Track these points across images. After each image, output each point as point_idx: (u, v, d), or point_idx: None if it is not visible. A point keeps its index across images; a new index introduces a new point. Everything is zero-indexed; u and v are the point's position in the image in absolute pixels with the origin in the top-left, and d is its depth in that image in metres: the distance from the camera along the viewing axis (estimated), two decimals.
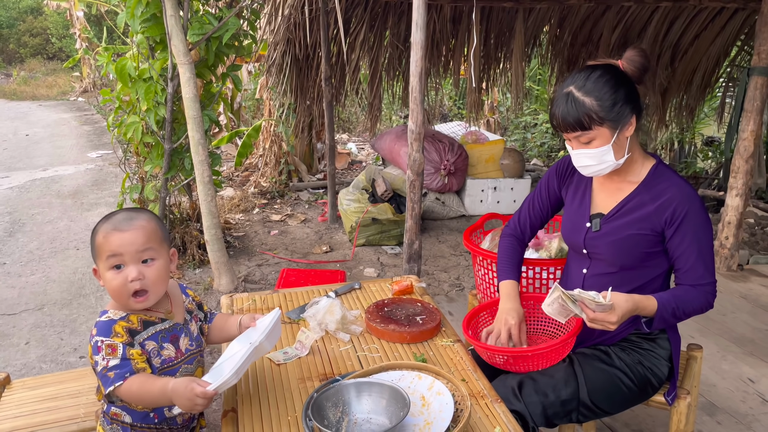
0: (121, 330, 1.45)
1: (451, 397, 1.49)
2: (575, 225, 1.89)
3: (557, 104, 1.69)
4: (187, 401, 1.38)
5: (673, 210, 1.69)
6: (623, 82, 1.68)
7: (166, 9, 3.55)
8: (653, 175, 1.77)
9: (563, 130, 1.70)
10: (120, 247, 1.45)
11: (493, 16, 5.84)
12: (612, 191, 1.83)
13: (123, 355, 1.42)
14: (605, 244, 1.79)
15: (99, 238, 1.47)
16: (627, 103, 1.66)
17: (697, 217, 1.70)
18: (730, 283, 4.16)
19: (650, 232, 1.73)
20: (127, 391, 1.42)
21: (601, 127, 1.66)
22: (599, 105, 1.63)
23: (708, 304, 1.74)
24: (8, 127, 11.05)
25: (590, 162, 1.72)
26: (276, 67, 5.62)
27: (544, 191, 2.04)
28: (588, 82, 1.65)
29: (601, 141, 1.67)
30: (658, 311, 1.68)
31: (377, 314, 1.97)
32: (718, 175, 6.85)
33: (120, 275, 1.45)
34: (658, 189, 1.73)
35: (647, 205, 1.74)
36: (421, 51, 2.94)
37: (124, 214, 1.51)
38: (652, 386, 1.83)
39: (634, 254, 1.76)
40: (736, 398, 2.86)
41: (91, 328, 1.49)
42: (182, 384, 1.39)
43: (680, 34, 5.97)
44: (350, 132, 10.64)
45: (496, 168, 6.06)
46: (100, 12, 14.12)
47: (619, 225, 1.77)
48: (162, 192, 4.32)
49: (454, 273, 4.51)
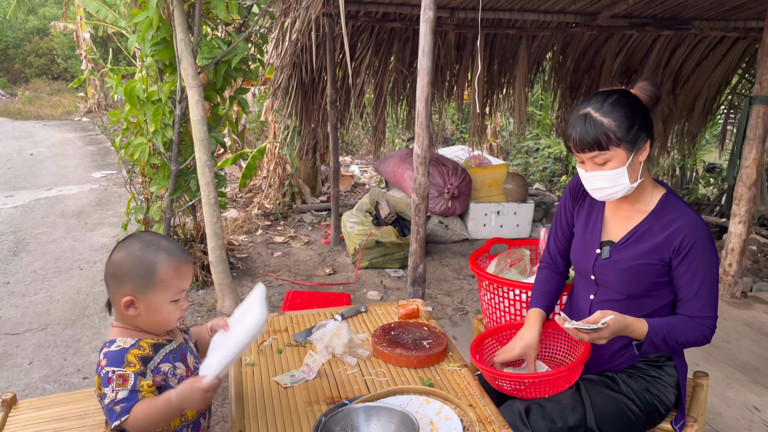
0: (133, 359, 1.43)
1: (460, 423, 1.50)
2: (585, 251, 1.90)
3: (574, 125, 1.70)
4: (198, 401, 1.41)
5: (682, 239, 1.70)
6: (639, 107, 1.70)
7: (177, 33, 3.61)
8: (663, 204, 1.78)
9: (580, 150, 1.70)
10: (188, 281, 1.51)
11: (497, 43, 5.92)
12: (622, 219, 1.84)
13: (133, 387, 1.40)
14: (614, 272, 1.80)
15: (169, 272, 1.46)
16: (643, 128, 1.69)
17: (705, 249, 1.70)
18: (733, 310, 4.16)
19: (659, 261, 1.74)
20: (134, 421, 1.39)
21: (618, 149, 1.67)
22: (617, 126, 1.65)
23: (704, 338, 1.73)
24: (13, 146, 11.12)
25: (604, 185, 1.72)
26: (282, 91, 5.68)
27: (562, 218, 2.04)
28: (606, 105, 1.67)
29: (616, 163, 1.68)
30: (648, 335, 1.69)
31: (384, 338, 1.97)
32: (720, 202, 6.87)
33: (178, 306, 1.50)
34: (668, 219, 1.74)
35: (657, 234, 1.75)
36: (427, 77, 2.98)
37: (172, 244, 1.51)
38: (659, 413, 1.82)
39: (641, 283, 1.77)
40: (741, 427, 2.85)
41: (99, 357, 1.45)
42: (185, 388, 1.41)
43: (682, 62, 6.04)
44: (354, 155, 10.70)
45: (499, 192, 6.09)
46: (107, 33, 14.24)
47: (628, 253, 1.78)
48: (167, 213, 4.34)
49: (457, 297, 4.51)
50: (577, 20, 5.44)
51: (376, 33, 5.52)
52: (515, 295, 2.31)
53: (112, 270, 1.48)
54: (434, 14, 2.93)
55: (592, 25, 5.44)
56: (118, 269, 1.47)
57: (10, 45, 20.61)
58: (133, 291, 1.45)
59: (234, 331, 1.54)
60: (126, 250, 1.48)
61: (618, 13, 5.19)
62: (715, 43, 5.82)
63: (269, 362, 1.92)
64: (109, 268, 1.49)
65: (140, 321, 1.49)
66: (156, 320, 1.49)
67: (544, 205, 6.60)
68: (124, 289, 1.46)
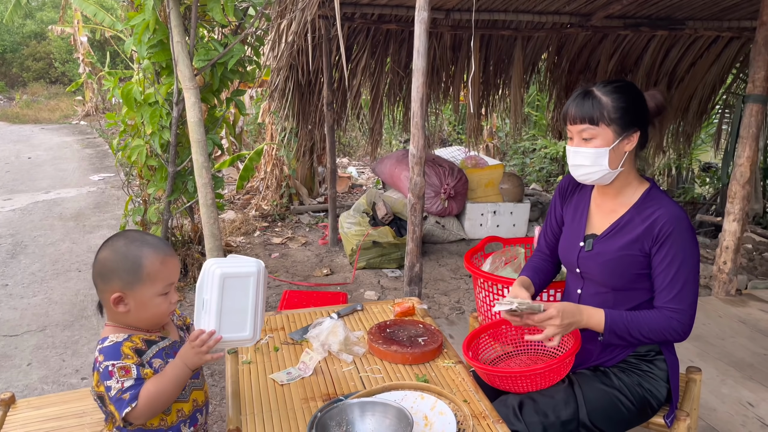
0: (129, 351, 1.45)
1: (454, 417, 1.52)
2: (570, 244, 1.94)
3: (574, 98, 1.77)
4: (195, 355, 1.46)
5: (660, 228, 1.72)
6: (639, 100, 1.76)
7: (173, 36, 3.63)
8: (646, 198, 1.81)
9: (572, 122, 1.76)
10: (176, 274, 1.52)
11: (492, 44, 5.95)
12: (606, 212, 1.87)
13: (138, 375, 1.42)
14: (597, 264, 1.83)
15: (155, 264, 1.47)
16: (636, 118, 1.74)
17: (683, 239, 1.71)
18: (728, 307, 4.18)
19: (639, 252, 1.76)
20: (146, 400, 1.40)
21: (607, 128, 1.72)
22: (613, 106, 1.71)
23: (674, 331, 1.71)
24: (11, 149, 11.13)
25: (585, 161, 1.76)
26: (279, 92, 5.70)
27: (553, 217, 2.08)
28: (609, 86, 1.74)
29: (601, 142, 1.73)
30: (606, 325, 1.72)
31: (380, 335, 1.99)
32: (716, 201, 6.90)
33: (167, 299, 1.51)
34: (649, 211, 1.77)
35: (638, 226, 1.77)
36: (422, 77, 3.00)
37: (156, 239, 1.53)
38: (651, 407, 1.84)
39: (624, 275, 1.79)
40: (736, 422, 2.87)
41: (94, 355, 1.46)
42: (184, 348, 1.48)
43: (676, 61, 6.08)
44: (351, 156, 10.73)
45: (495, 192, 6.12)
46: (104, 37, 14.29)
47: (610, 246, 1.81)
48: (165, 214, 4.36)
49: (454, 296, 4.53)
50: (572, 21, 5.47)
51: (372, 35, 5.55)
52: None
53: (99, 269, 1.49)
54: (429, 15, 2.95)
55: (587, 26, 5.47)
56: (105, 267, 1.47)
57: (7, 49, 20.62)
58: (122, 287, 1.46)
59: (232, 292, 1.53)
60: (111, 248, 1.49)
61: (612, 14, 5.22)
62: (710, 43, 5.86)
63: (266, 360, 1.94)
64: (96, 267, 1.49)
65: (132, 318, 1.50)
66: (147, 315, 1.50)
67: (540, 205, 6.63)
68: (113, 286, 1.46)
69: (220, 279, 1.48)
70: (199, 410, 1.62)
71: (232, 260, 1.54)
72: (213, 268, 1.49)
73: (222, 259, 1.54)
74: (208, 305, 1.49)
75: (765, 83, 3.99)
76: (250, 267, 1.52)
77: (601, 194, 1.90)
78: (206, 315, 1.49)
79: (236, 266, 1.52)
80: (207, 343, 1.46)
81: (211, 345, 1.47)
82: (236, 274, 1.50)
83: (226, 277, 1.49)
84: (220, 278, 1.48)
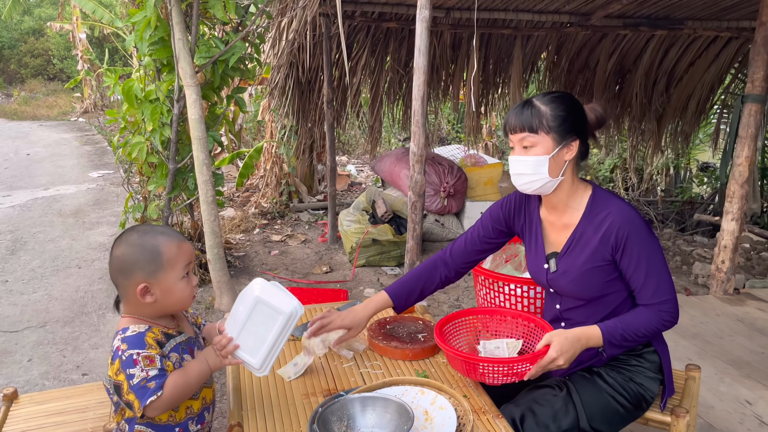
0: (152, 341, 1.48)
1: (454, 412, 1.53)
2: (536, 267, 1.95)
3: (514, 108, 1.81)
4: (216, 357, 1.54)
5: (616, 234, 1.74)
6: (578, 110, 1.80)
7: (175, 33, 3.64)
8: (592, 204, 1.82)
9: (512, 131, 1.79)
10: (192, 254, 1.56)
11: (492, 43, 5.96)
12: (560, 228, 1.89)
13: (161, 366, 1.45)
14: (566, 283, 1.85)
15: (173, 249, 1.51)
16: (574, 127, 1.77)
17: (640, 237, 1.74)
18: (726, 306, 4.20)
19: (603, 262, 1.78)
20: (171, 391, 1.44)
21: (547, 136, 1.75)
22: (552, 115, 1.74)
23: (666, 322, 1.76)
24: (9, 146, 11.13)
25: (525, 170, 1.78)
26: (279, 90, 5.71)
27: (486, 225, 2.04)
28: (548, 97, 1.78)
29: (541, 150, 1.75)
30: (603, 339, 1.74)
31: (380, 332, 2.00)
32: (714, 201, 6.92)
33: (189, 283, 1.55)
34: (599, 218, 1.79)
35: (592, 238, 1.79)
36: (423, 76, 3.02)
37: (166, 228, 1.59)
38: (645, 401, 1.86)
39: (595, 286, 1.81)
40: (733, 420, 2.89)
41: (114, 344, 1.47)
42: (208, 349, 1.57)
43: (675, 61, 6.09)
44: (350, 154, 10.74)
45: (494, 190, 6.13)
46: (103, 34, 14.22)
47: (573, 262, 1.83)
48: (165, 211, 4.37)
49: (453, 294, 4.54)
50: (572, 20, 5.48)
51: (373, 33, 5.56)
52: (510, 289, 2.35)
53: (118, 265, 1.51)
54: (430, 13, 2.97)
55: (586, 25, 5.48)
56: (125, 262, 1.50)
57: (5, 46, 20.60)
58: (145, 277, 1.49)
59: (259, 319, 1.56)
60: (126, 243, 1.52)
61: (612, 13, 5.24)
62: (708, 42, 5.88)
63: None
64: (115, 264, 1.51)
65: (158, 307, 1.53)
66: (173, 301, 1.53)
67: None
68: (136, 279, 1.49)
69: (254, 301, 1.53)
70: (207, 408, 1.64)
71: (279, 291, 1.56)
72: (256, 286, 1.55)
73: (273, 284, 1.57)
74: (237, 316, 1.55)
75: (764, 83, 4.01)
76: (286, 307, 1.52)
77: (550, 210, 1.90)
78: (233, 323, 1.56)
79: (275, 298, 1.54)
80: (226, 348, 1.53)
81: (230, 350, 1.53)
82: (270, 304, 1.53)
83: (259, 302, 1.53)
84: (254, 300, 1.54)
